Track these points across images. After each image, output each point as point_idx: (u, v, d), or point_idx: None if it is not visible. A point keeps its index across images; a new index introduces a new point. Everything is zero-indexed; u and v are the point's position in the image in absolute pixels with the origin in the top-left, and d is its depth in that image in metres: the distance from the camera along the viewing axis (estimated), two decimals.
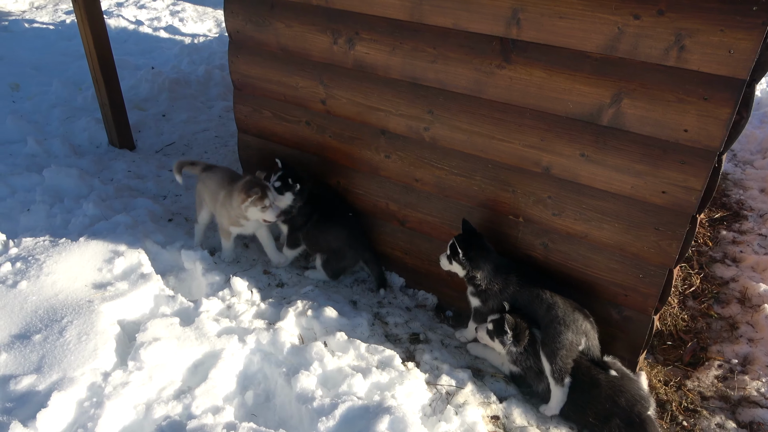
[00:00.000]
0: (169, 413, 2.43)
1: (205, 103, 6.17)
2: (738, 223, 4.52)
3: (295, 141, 3.64)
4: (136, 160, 4.87)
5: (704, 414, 2.88)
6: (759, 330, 3.40)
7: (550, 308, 2.76)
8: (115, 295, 2.99)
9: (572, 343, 2.70)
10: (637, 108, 2.47)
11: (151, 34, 8.29)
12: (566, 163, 2.74)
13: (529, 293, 2.84)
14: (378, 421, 2.36)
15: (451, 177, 3.12)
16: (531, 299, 2.82)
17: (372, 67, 3.10)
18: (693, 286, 3.78)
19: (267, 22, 3.36)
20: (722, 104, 2.29)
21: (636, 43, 2.37)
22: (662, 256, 2.67)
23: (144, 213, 3.95)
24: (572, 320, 2.72)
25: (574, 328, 2.71)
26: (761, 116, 6.38)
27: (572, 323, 2.72)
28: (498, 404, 2.79)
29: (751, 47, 2.16)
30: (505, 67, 2.71)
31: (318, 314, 3.11)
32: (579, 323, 2.73)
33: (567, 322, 2.71)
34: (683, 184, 2.49)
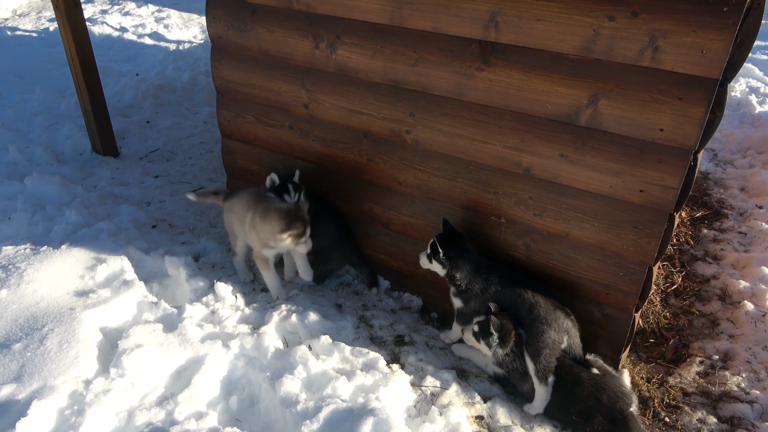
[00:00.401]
0: (152, 420, 2.42)
1: (190, 109, 6.16)
2: (719, 221, 4.58)
3: (278, 145, 3.64)
4: (120, 167, 4.85)
5: (686, 410, 2.91)
6: (739, 326, 3.44)
7: (532, 308, 2.78)
8: (97, 303, 2.97)
9: (555, 342, 2.73)
10: (614, 108, 2.50)
11: (135, 41, 8.27)
12: (546, 164, 2.77)
13: (511, 293, 2.86)
14: (362, 423, 2.37)
15: (434, 179, 3.14)
16: (513, 299, 2.85)
17: (354, 71, 3.12)
18: (675, 284, 3.82)
19: (249, 27, 3.37)
20: (696, 103, 2.33)
21: (611, 45, 2.40)
22: (641, 254, 2.70)
23: (127, 220, 3.93)
24: (554, 318, 2.75)
25: (556, 326, 2.74)
26: (741, 116, 6.48)
27: (554, 321, 2.74)
28: (482, 404, 2.81)
29: (723, 47, 2.21)
30: (485, 69, 2.73)
31: (302, 318, 3.11)
32: (560, 321, 2.76)
33: (549, 320, 2.74)
34: (660, 182, 2.53)
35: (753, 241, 4.25)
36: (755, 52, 9.23)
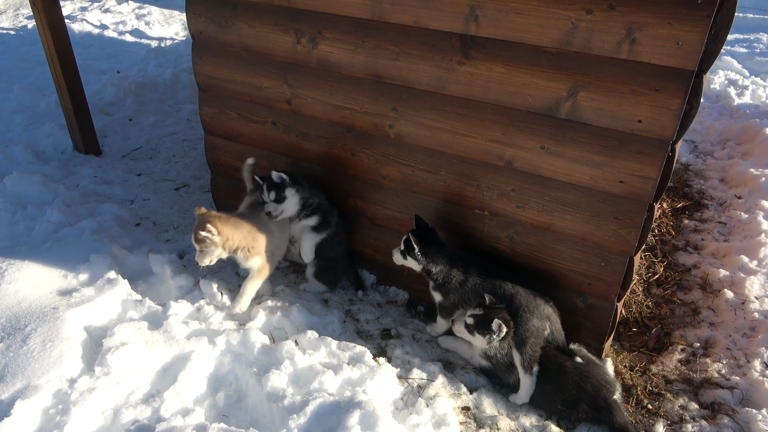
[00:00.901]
0: (138, 417, 2.41)
1: (173, 106, 6.11)
2: (699, 212, 4.65)
3: (261, 141, 3.63)
4: (103, 166, 4.80)
5: (668, 397, 2.96)
6: (719, 314, 3.51)
7: (513, 297, 2.81)
8: (80, 301, 2.95)
9: (538, 329, 2.77)
10: (593, 100, 2.54)
11: (116, 38, 8.18)
12: (528, 156, 2.80)
13: (491, 285, 2.89)
14: (349, 416, 2.38)
15: (417, 173, 3.16)
16: (493, 291, 2.87)
17: (336, 66, 3.12)
18: (657, 273, 3.88)
19: (230, 23, 3.35)
20: (673, 95, 2.37)
21: (589, 38, 2.43)
22: (622, 244, 2.74)
23: (110, 218, 3.90)
24: (535, 306, 2.79)
25: (537, 313, 2.78)
26: (720, 108, 6.58)
27: (535, 309, 2.78)
28: (468, 395, 2.84)
29: (698, 39, 2.24)
30: (466, 63, 2.75)
31: (288, 313, 3.12)
32: (541, 308, 2.80)
33: (531, 308, 2.78)
34: (639, 173, 2.57)
35: (732, 231, 4.32)
36: (733, 44, 9.36)
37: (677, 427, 2.79)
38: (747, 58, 8.56)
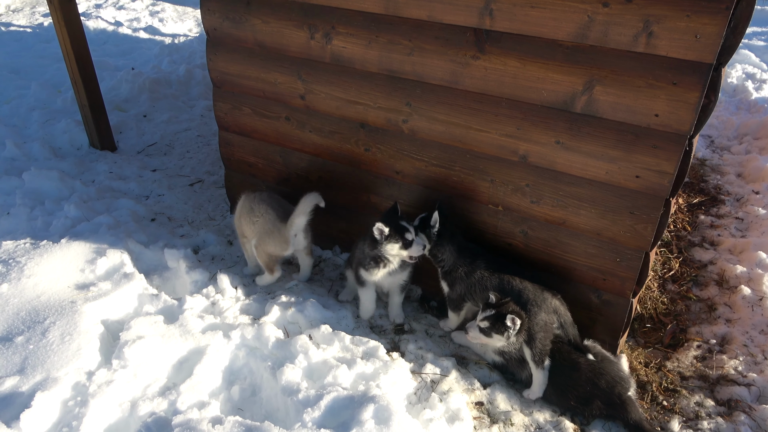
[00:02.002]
0: (155, 410, 2.44)
1: (187, 102, 6.15)
2: (716, 207, 4.60)
3: (275, 137, 3.65)
4: (118, 161, 4.85)
5: (684, 393, 2.94)
6: (736, 310, 3.47)
7: (521, 293, 2.81)
8: (98, 295, 2.99)
9: (547, 324, 2.76)
10: (609, 95, 2.51)
11: (130, 35, 8.25)
12: (542, 151, 2.78)
13: (499, 279, 2.88)
14: (363, 410, 2.39)
15: (431, 168, 3.15)
16: (501, 285, 2.86)
17: (349, 61, 3.12)
18: (672, 269, 3.85)
19: (244, 19, 3.36)
20: (691, 88, 2.34)
21: (606, 31, 2.41)
22: (638, 240, 2.72)
23: (126, 213, 3.95)
24: (542, 300, 2.79)
25: (545, 307, 2.78)
26: (737, 103, 6.49)
27: (543, 303, 2.79)
28: (482, 390, 2.84)
29: (717, 32, 2.21)
30: (480, 57, 2.74)
31: (302, 308, 3.13)
32: (549, 302, 2.80)
33: (538, 302, 2.78)
34: (656, 168, 2.54)
35: (750, 227, 4.27)
36: (751, 38, 9.21)
37: (693, 424, 2.76)
38: (765, 52, 8.42)
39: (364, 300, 3.19)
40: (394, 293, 3.20)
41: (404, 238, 2.89)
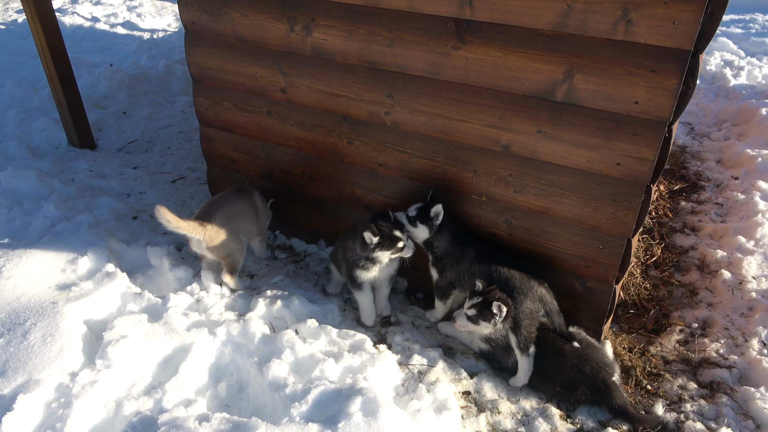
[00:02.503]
0: (140, 409, 2.42)
1: (167, 98, 6.08)
2: (696, 193, 4.66)
3: (257, 131, 3.61)
4: (98, 159, 4.78)
5: (667, 377, 2.98)
6: (717, 294, 3.52)
7: (508, 281, 2.83)
8: (80, 295, 2.95)
9: (533, 311, 2.78)
10: (589, 83, 2.52)
11: (108, 31, 8.11)
12: (525, 141, 2.79)
13: (486, 268, 2.90)
14: (350, 403, 2.39)
15: (414, 160, 3.15)
16: (488, 273, 2.88)
17: (330, 54, 3.10)
18: (654, 256, 3.90)
19: (222, 12, 3.32)
20: (669, 75, 2.36)
21: (585, 19, 2.41)
22: (620, 227, 2.74)
23: (107, 212, 3.89)
24: (528, 288, 2.81)
25: (531, 295, 2.80)
26: (716, 90, 6.57)
27: (529, 291, 2.81)
28: (469, 380, 2.85)
29: (694, 18, 2.23)
30: (461, 48, 2.73)
31: (288, 303, 3.12)
32: (535, 290, 2.82)
33: (524, 290, 2.80)
34: (636, 155, 2.56)
35: (729, 212, 4.33)
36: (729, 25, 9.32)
37: (676, 407, 2.81)
38: (743, 39, 8.53)
39: (364, 303, 3.15)
40: (383, 286, 3.20)
41: (396, 246, 2.90)
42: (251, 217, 3.40)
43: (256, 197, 3.48)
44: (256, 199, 3.48)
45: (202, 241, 3.13)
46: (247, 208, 3.39)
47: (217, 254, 3.20)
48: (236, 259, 3.27)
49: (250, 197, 3.45)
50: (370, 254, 2.94)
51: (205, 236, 3.11)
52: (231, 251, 3.23)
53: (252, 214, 3.41)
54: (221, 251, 3.20)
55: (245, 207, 3.38)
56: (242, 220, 3.32)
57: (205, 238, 3.12)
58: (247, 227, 3.36)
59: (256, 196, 3.49)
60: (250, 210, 3.40)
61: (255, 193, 3.50)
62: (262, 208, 3.51)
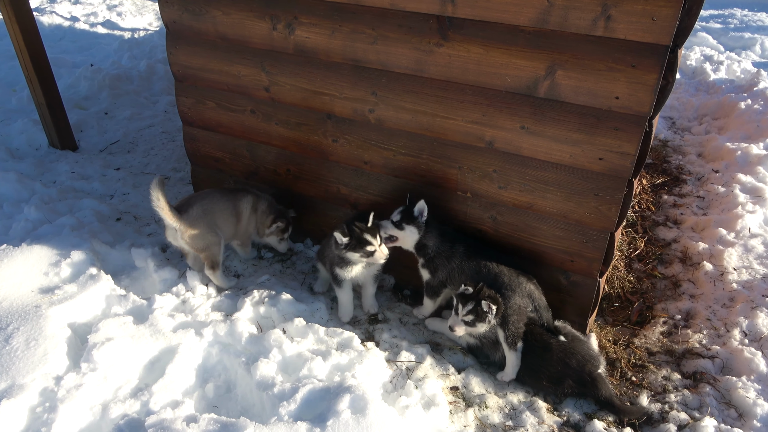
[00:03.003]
0: (127, 411, 2.40)
1: (149, 98, 6.02)
2: (678, 187, 4.72)
3: (241, 130, 3.59)
4: (80, 161, 4.72)
5: (651, 368, 3.03)
6: (699, 286, 3.58)
7: (497, 276, 2.85)
8: (63, 299, 2.91)
9: (521, 307, 2.81)
10: (571, 79, 2.55)
11: (88, 30, 8.01)
12: (508, 137, 2.81)
13: (476, 264, 2.92)
14: (339, 400, 2.39)
15: (399, 157, 3.16)
16: (478, 269, 2.90)
17: (313, 52, 3.09)
18: (638, 249, 3.95)
19: (204, 11, 3.30)
20: (649, 70, 2.39)
21: (565, 16, 2.43)
22: (603, 221, 2.77)
23: (90, 214, 3.85)
24: (517, 284, 2.83)
25: (519, 291, 2.82)
26: (696, 84, 6.66)
27: (518, 287, 2.83)
28: (456, 375, 2.87)
29: (672, 14, 2.26)
30: (444, 44, 2.74)
31: (275, 302, 3.11)
32: (524, 286, 2.84)
33: (513, 286, 2.82)
34: (618, 149, 2.59)
35: (710, 205, 4.40)
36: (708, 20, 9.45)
37: (661, 398, 2.85)
38: (722, 34, 8.65)
39: (343, 301, 3.18)
40: (368, 284, 3.21)
41: (365, 249, 2.90)
42: (229, 219, 3.35)
43: (243, 202, 3.41)
44: (243, 204, 3.41)
45: (177, 231, 3.13)
46: (227, 210, 3.34)
47: (193, 246, 3.20)
48: (214, 252, 3.24)
49: (236, 200, 3.40)
50: (341, 254, 2.95)
51: (179, 225, 3.10)
52: (207, 244, 3.22)
53: (231, 216, 3.35)
54: (197, 243, 3.19)
55: (225, 207, 3.33)
56: (219, 219, 3.29)
57: (180, 228, 3.11)
58: (223, 227, 3.32)
59: (244, 201, 3.41)
60: (229, 212, 3.34)
61: (245, 199, 3.42)
62: (248, 215, 3.43)
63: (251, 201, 3.46)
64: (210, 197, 3.30)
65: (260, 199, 3.49)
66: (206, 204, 3.24)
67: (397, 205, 3.12)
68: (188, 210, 3.15)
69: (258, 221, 3.49)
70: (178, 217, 3.09)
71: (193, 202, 3.22)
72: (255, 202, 3.47)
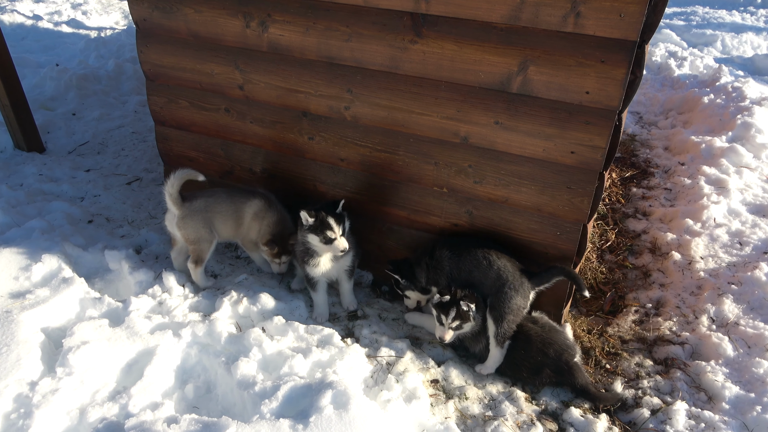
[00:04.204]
0: (105, 415, 2.37)
1: (118, 98, 5.91)
2: (646, 180, 4.85)
3: (215, 129, 3.56)
4: (48, 163, 4.61)
5: (624, 356, 3.11)
6: (669, 275, 3.69)
7: (500, 272, 2.84)
8: (35, 303, 2.85)
9: (519, 308, 2.84)
10: (543, 74, 2.60)
11: (52, 29, 7.81)
12: (483, 132, 2.85)
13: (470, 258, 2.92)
14: (321, 396, 2.40)
15: (375, 154, 3.17)
16: (477, 261, 2.90)
17: (288, 49, 3.09)
18: (609, 241, 4.04)
19: (175, 8, 3.26)
20: (617, 65, 2.46)
21: (537, 12, 2.48)
22: (576, 213, 2.84)
23: (61, 216, 3.77)
24: (520, 284, 2.84)
25: (522, 292, 2.83)
26: (662, 80, 6.84)
27: (520, 287, 2.83)
28: (437, 368, 2.91)
29: (639, 10, 2.33)
30: (418, 41, 2.77)
31: (254, 301, 3.10)
32: (526, 287, 2.86)
33: (516, 287, 2.82)
34: (589, 143, 2.66)
35: (677, 196, 4.53)
36: (672, 17, 9.70)
37: (634, 384, 2.93)
38: (685, 30, 8.91)
39: (318, 302, 3.18)
40: (343, 280, 3.21)
41: (324, 235, 2.90)
42: (228, 221, 3.27)
43: (247, 207, 3.26)
44: (246, 209, 3.26)
45: (175, 217, 3.17)
46: (227, 212, 3.26)
47: (184, 236, 3.21)
48: (202, 248, 3.23)
49: (240, 204, 3.26)
50: (304, 236, 2.96)
51: (177, 212, 3.16)
52: (198, 238, 3.21)
53: (230, 219, 3.27)
54: (188, 234, 3.20)
55: (226, 209, 3.26)
56: (217, 219, 3.25)
57: (177, 214, 3.17)
58: (220, 228, 3.28)
59: (248, 206, 3.26)
60: (229, 214, 3.26)
61: (250, 203, 3.27)
62: (249, 221, 3.28)
63: (257, 207, 3.28)
64: (216, 195, 3.28)
65: (270, 210, 3.29)
66: (209, 200, 3.24)
67: (374, 202, 3.13)
68: (192, 200, 3.20)
69: (261, 231, 3.30)
70: (179, 204, 3.15)
71: (200, 194, 3.25)
72: (262, 209, 3.28)
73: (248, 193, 3.33)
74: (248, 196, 3.31)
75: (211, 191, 3.33)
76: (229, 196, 3.31)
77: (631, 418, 2.73)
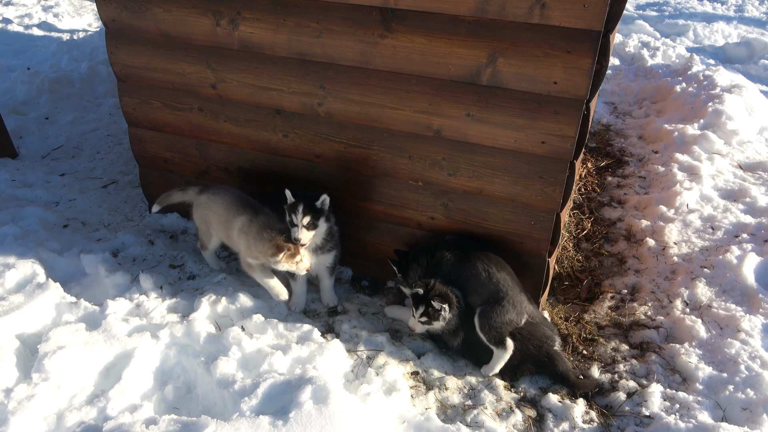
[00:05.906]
0: (83, 419, 2.35)
1: (92, 101, 5.83)
2: (621, 168, 4.92)
3: (189, 129, 3.54)
4: (21, 168, 4.54)
5: (601, 341, 3.17)
6: (643, 261, 3.75)
7: (500, 284, 2.86)
8: (9, 310, 2.82)
9: (512, 321, 2.85)
10: (512, 66, 2.63)
11: (22, 33, 7.68)
12: (455, 125, 2.88)
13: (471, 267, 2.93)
14: (301, 392, 2.41)
15: (350, 149, 3.18)
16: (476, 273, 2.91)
17: (259, 47, 3.08)
18: (585, 229, 4.10)
19: (144, 8, 3.23)
20: (583, 55, 2.49)
21: (503, 4, 2.51)
22: (549, 202, 2.88)
23: (35, 222, 3.72)
24: (518, 302, 2.86)
25: (518, 309, 2.86)
26: (635, 70, 6.93)
27: (518, 304, 2.85)
28: (416, 360, 2.93)
29: (602, 0, 2.36)
30: (388, 36, 2.78)
31: (233, 300, 3.10)
32: (523, 306, 2.88)
33: (514, 303, 2.84)
34: (559, 133, 2.70)
35: (651, 184, 4.61)
36: (645, 8, 9.83)
37: (611, 368, 2.99)
38: (658, 21, 9.03)
39: (296, 291, 3.19)
40: (324, 277, 3.22)
41: (291, 219, 2.89)
42: (219, 228, 3.20)
43: (236, 222, 3.10)
44: (235, 224, 3.11)
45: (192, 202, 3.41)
46: (219, 219, 3.18)
47: (193, 219, 3.44)
48: (202, 236, 3.42)
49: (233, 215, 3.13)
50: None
51: (193, 197, 3.38)
52: (199, 225, 3.40)
53: (221, 226, 3.18)
54: (195, 219, 3.41)
55: (218, 217, 3.19)
56: (213, 220, 3.24)
57: (191, 199, 3.40)
58: (217, 230, 3.24)
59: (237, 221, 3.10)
60: (221, 223, 3.18)
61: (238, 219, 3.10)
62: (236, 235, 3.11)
63: (242, 223, 3.09)
64: (220, 198, 3.22)
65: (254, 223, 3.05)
66: (212, 199, 3.26)
67: (352, 198, 3.13)
68: (204, 192, 3.33)
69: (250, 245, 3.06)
70: (196, 191, 3.37)
71: (214, 189, 3.32)
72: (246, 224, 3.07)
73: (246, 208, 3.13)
74: (242, 210, 3.12)
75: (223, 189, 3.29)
76: (226, 203, 3.18)
77: (608, 401, 2.78)
